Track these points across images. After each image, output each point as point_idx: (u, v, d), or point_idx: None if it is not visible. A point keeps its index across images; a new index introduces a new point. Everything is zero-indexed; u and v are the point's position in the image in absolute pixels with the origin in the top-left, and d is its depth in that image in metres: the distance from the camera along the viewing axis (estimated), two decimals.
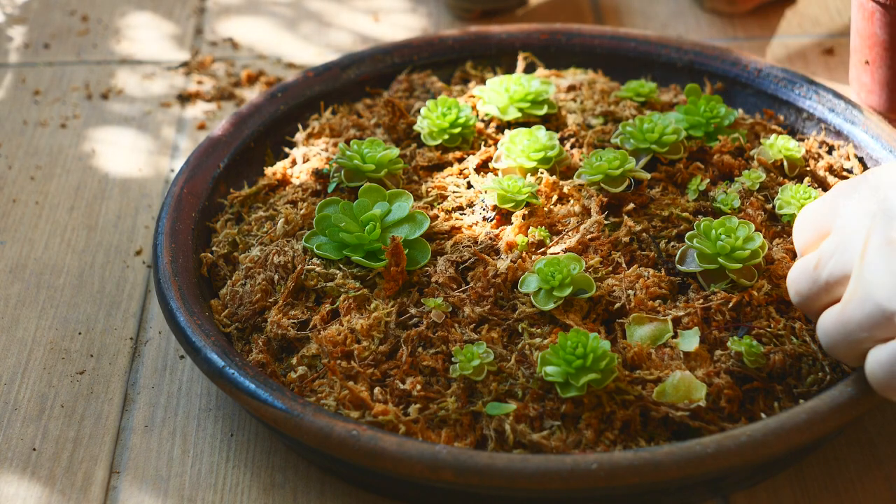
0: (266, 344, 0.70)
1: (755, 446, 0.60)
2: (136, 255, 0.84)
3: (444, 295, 0.70)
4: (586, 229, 0.73)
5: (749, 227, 0.71)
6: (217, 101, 0.99)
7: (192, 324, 0.68)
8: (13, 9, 1.13)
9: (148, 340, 0.77)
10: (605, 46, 0.92)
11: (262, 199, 0.81)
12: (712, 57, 0.89)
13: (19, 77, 1.03)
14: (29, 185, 0.91)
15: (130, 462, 0.69)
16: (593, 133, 0.82)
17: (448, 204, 0.77)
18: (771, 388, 0.65)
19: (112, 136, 0.96)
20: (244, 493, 0.67)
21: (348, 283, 0.71)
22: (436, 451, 0.60)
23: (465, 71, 0.92)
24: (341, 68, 0.90)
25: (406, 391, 0.66)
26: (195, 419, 0.72)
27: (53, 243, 0.85)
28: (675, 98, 0.87)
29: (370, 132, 0.85)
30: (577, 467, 0.59)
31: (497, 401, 0.65)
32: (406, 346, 0.68)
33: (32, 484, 0.68)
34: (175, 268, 0.72)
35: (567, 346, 0.64)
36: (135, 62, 1.05)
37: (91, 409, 0.72)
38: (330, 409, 0.65)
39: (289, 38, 1.08)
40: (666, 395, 0.64)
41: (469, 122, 0.82)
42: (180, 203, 0.77)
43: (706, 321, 0.68)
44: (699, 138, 0.81)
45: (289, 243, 0.75)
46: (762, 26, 1.07)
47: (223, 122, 0.84)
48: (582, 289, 0.69)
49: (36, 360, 0.76)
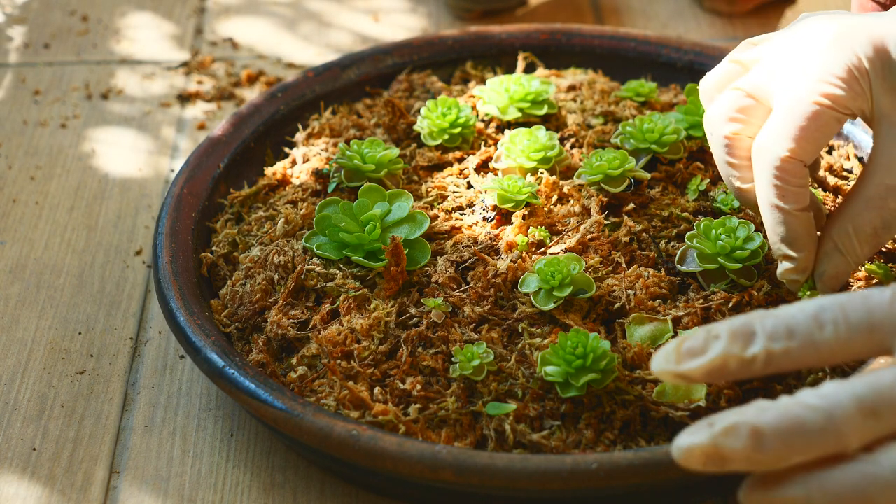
0: (266, 344, 0.70)
1: None
2: (136, 255, 0.84)
3: (444, 295, 0.70)
4: (586, 229, 0.73)
5: (749, 227, 0.71)
6: (217, 101, 0.99)
7: (192, 324, 0.68)
8: (13, 9, 1.13)
9: (148, 340, 0.77)
10: (605, 46, 0.92)
11: (262, 199, 0.81)
12: (712, 57, 0.89)
13: (19, 77, 1.03)
14: (29, 185, 0.91)
15: (130, 462, 0.69)
16: (593, 133, 0.82)
17: (448, 204, 0.77)
18: (771, 388, 0.65)
19: (112, 136, 0.96)
20: (244, 493, 0.67)
21: (348, 283, 0.71)
22: (436, 451, 0.60)
23: (465, 71, 0.92)
24: (341, 68, 0.90)
25: (406, 391, 0.66)
26: (195, 419, 0.72)
27: (53, 243, 0.85)
28: (675, 98, 0.87)
29: (370, 132, 0.85)
30: (577, 467, 0.59)
31: (497, 401, 0.65)
32: (406, 346, 0.68)
33: (32, 484, 0.68)
34: (175, 268, 0.72)
35: (567, 346, 0.64)
36: (135, 62, 1.05)
37: (91, 409, 0.72)
38: (330, 409, 0.65)
39: (289, 38, 1.08)
40: (666, 395, 0.64)
41: (469, 122, 0.82)
42: (180, 203, 0.77)
43: (706, 321, 0.68)
44: (699, 138, 0.81)
45: (289, 243, 0.75)
46: (762, 26, 1.07)
47: (223, 123, 0.84)
48: (582, 289, 0.69)
49: (36, 360, 0.76)
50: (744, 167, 0.68)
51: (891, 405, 0.52)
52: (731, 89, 0.68)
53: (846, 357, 0.55)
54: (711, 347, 0.54)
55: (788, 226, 0.66)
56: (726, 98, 0.68)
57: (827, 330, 0.54)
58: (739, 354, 0.54)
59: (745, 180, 0.68)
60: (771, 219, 0.66)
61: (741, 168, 0.68)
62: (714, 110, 0.69)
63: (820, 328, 0.54)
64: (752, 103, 0.67)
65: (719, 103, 0.69)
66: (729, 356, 0.54)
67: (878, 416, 0.52)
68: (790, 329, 0.54)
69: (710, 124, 0.69)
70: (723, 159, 0.68)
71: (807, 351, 0.54)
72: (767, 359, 0.54)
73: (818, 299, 0.55)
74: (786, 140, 0.64)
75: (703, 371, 0.54)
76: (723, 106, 0.68)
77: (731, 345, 0.54)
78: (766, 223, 0.66)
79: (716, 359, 0.54)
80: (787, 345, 0.54)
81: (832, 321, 0.54)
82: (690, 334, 0.55)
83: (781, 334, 0.54)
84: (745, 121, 0.67)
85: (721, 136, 0.68)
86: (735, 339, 0.54)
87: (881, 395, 0.52)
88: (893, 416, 0.52)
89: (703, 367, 0.54)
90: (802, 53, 0.65)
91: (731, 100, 0.68)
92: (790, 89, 0.64)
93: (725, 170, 0.69)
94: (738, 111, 0.67)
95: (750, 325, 0.54)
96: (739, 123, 0.67)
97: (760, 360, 0.54)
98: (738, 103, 0.67)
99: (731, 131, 0.67)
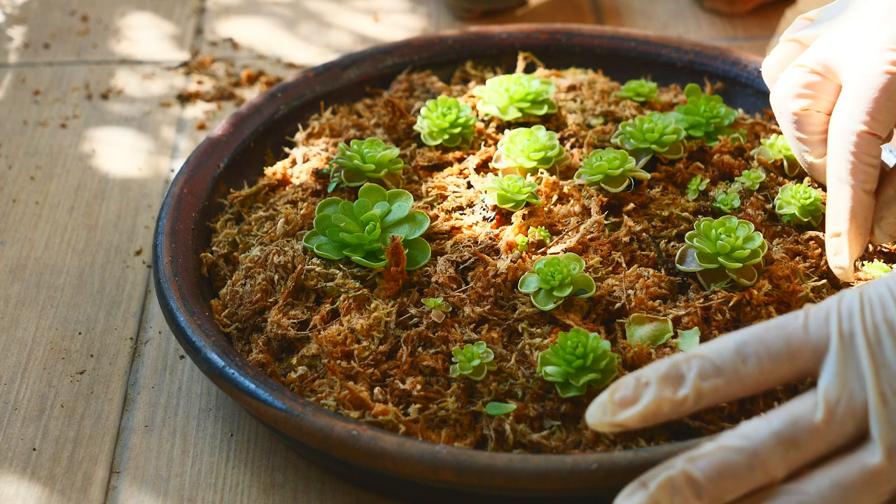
0: (266, 344, 0.70)
1: None
2: (136, 255, 0.84)
3: (444, 295, 0.70)
4: (586, 229, 0.73)
5: (749, 227, 0.71)
6: (217, 101, 0.99)
7: (192, 324, 0.68)
8: (13, 9, 1.13)
9: (148, 340, 0.77)
10: (605, 46, 0.92)
11: (262, 199, 0.81)
12: (712, 57, 0.89)
13: (19, 77, 1.03)
14: (29, 185, 0.91)
15: (130, 462, 0.69)
16: (593, 133, 0.82)
17: (448, 204, 0.77)
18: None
19: (112, 136, 0.96)
20: (244, 493, 0.67)
21: (348, 283, 0.71)
22: (436, 451, 0.60)
23: (465, 71, 0.92)
24: (341, 68, 0.90)
25: (406, 391, 0.66)
26: (195, 419, 0.72)
27: (53, 243, 0.85)
28: (675, 98, 0.87)
29: (370, 132, 0.85)
30: (577, 467, 0.59)
31: (497, 401, 0.65)
32: (406, 346, 0.68)
33: (32, 484, 0.68)
34: (175, 268, 0.72)
35: (567, 346, 0.64)
36: (135, 62, 1.05)
37: (91, 409, 0.72)
38: (330, 409, 0.65)
39: (289, 38, 1.08)
40: None
41: (469, 122, 0.82)
42: (180, 203, 0.77)
43: (706, 321, 0.68)
44: (699, 138, 0.81)
45: (289, 243, 0.75)
46: (762, 26, 1.07)
47: (223, 123, 0.84)
48: (582, 289, 0.69)
49: (36, 360, 0.76)
50: (814, 142, 0.70)
51: (808, 434, 0.55)
52: (795, 66, 0.70)
53: (772, 385, 0.57)
54: (643, 395, 0.57)
55: (852, 203, 0.67)
56: (790, 75, 0.70)
57: (750, 363, 0.57)
58: (671, 397, 0.57)
59: (817, 155, 0.70)
60: (836, 195, 0.67)
61: (812, 143, 0.70)
62: (780, 89, 0.71)
63: (743, 362, 0.57)
64: (817, 79, 0.69)
65: (784, 81, 0.70)
66: (662, 400, 0.57)
67: (798, 446, 0.54)
68: (716, 367, 0.57)
69: (778, 102, 0.71)
70: (792, 135, 0.70)
71: (733, 385, 0.57)
72: (697, 398, 0.56)
73: (736, 334, 0.57)
74: (860, 114, 0.65)
75: (638, 418, 0.57)
76: (788, 83, 0.70)
77: (662, 390, 0.57)
78: (830, 199, 0.68)
79: (649, 405, 0.57)
80: (715, 382, 0.56)
81: (754, 354, 0.57)
82: (620, 384, 0.57)
83: (709, 373, 0.57)
84: (813, 96, 0.69)
85: (790, 112, 0.70)
86: (665, 384, 0.57)
87: (797, 426, 0.55)
88: (812, 443, 0.55)
89: (638, 414, 0.57)
90: (862, 24, 0.66)
91: (795, 77, 0.69)
92: (857, 62, 0.66)
93: (796, 146, 0.71)
94: (805, 87, 0.69)
95: (677, 368, 0.57)
96: (807, 99, 0.69)
97: (691, 400, 0.56)
98: (804, 79, 0.69)
99: (800, 107, 0.69)
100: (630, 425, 0.57)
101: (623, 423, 0.57)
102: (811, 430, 0.54)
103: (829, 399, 0.55)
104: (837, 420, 0.54)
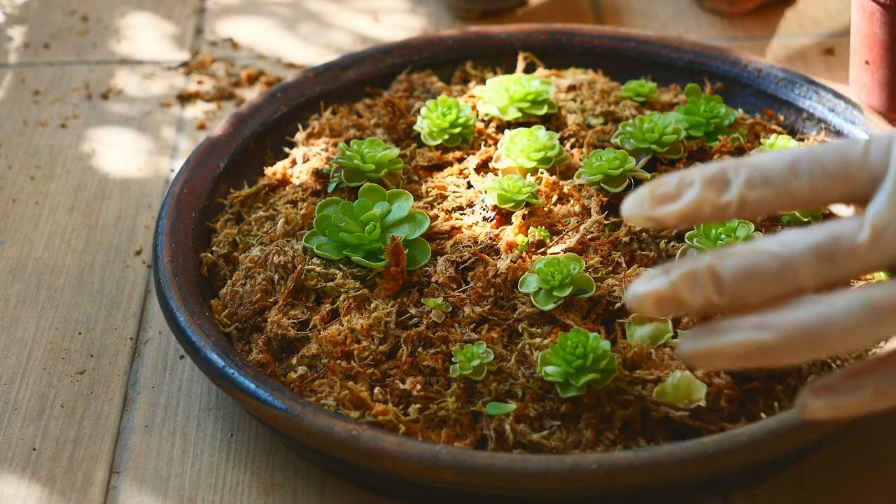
0: (266, 344, 0.70)
1: (755, 446, 0.60)
2: (136, 255, 0.84)
3: (444, 295, 0.70)
4: (586, 229, 0.73)
5: (749, 227, 0.71)
6: (217, 101, 0.99)
7: (192, 324, 0.68)
8: (13, 9, 1.13)
9: (148, 340, 0.77)
10: (605, 46, 0.92)
11: (262, 199, 0.81)
12: (712, 57, 0.89)
13: (19, 77, 1.03)
14: (29, 185, 0.91)
15: (130, 462, 0.69)
16: (593, 133, 0.82)
17: (448, 204, 0.77)
18: (771, 387, 0.65)
19: (112, 136, 0.96)
20: (244, 493, 0.67)
21: (348, 283, 0.71)
22: (436, 451, 0.60)
23: (465, 71, 0.92)
24: (341, 68, 0.90)
25: (406, 391, 0.66)
26: (195, 419, 0.72)
27: (53, 243, 0.85)
28: (675, 98, 0.87)
29: (370, 132, 0.85)
30: (577, 467, 0.59)
31: (497, 401, 0.65)
32: (406, 346, 0.68)
33: (32, 484, 0.68)
34: (175, 268, 0.72)
35: (567, 346, 0.64)
36: (135, 62, 1.05)
37: (91, 409, 0.72)
38: (330, 409, 0.65)
39: (289, 38, 1.08)
40: (666, 395, 0.64)
41: (469, 122, 0.82)
42: (180, 203, 0.77)
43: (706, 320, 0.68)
44: (699, 138, 0.81)
45: (289, 243, 0.75)
46: (762, 26, 1.07)
47: (223, 123, 0.84)
48: (582, 289, 0.69)
49: (36, 360, 0.76)
50: None
51: (848, 252, 0.53)
52: None
53: (818, 204, 0.55)
54: (686, 193, 0.54)
55: None
56: None
57: (802, 178, 0.54)
58: (714, 200, 0.54)
59: None
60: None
61: None
62: None
63: (795, 176, 0.54)
64: None
65: None
66: (704, 202, 0.54)
67: (835, 262, 0.53)
68: (766, 178, 0.54)
69: None
70: None
71: (781, 198, 0.54)
72: (741, 205, 0.54)
73: (791, 150, 0.55)
74: None
75: (677, 215, 0.54)
76: None
77: (706, 191, 0.54)
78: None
79: (690, 203, 0.54)
80: (762, 192, 0.54)
81: (807, 171, 0.54)
82: (662, 181, 0.55)
83: (757, 182, 0.54)
84: None
85: None
86: (710, 186, 0.54)
87: (838, 243, 0.53)
88: (849, 263, 0.53)
89: (678, 211, 0.54)
90: None
91: None
92: None
93: None
94: None
95: (724, 173, 0.54)
96: None
97: (735, 206, 0.54)
98: None
99: None
100: (667, 222, 0.55)
101: (660, 219, 0.55)
102: (851, 250, 0.53)
103: (876, 223, 0.53)
104: (882, 244, 0.53)
